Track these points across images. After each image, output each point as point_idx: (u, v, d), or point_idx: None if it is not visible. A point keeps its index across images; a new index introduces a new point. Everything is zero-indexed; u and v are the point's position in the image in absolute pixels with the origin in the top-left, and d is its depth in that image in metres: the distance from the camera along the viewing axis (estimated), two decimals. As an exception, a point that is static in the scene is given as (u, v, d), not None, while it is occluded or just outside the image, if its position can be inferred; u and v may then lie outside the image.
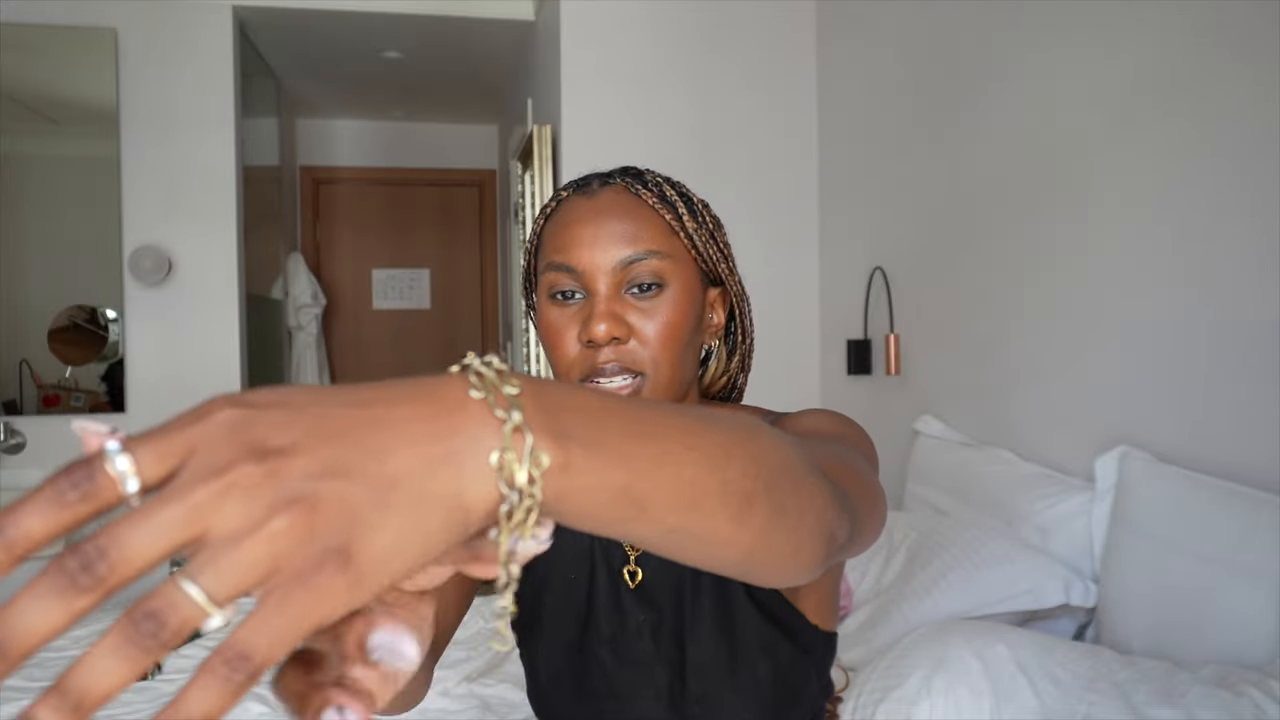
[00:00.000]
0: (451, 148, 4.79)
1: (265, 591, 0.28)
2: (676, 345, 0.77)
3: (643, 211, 0.78)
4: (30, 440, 2.86)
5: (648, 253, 0.76)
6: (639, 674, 0.84)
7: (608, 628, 0.85)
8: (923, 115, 2.31)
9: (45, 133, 2.99)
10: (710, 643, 0.82)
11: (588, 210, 0.78)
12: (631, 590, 0.85)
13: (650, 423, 0.38)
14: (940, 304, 2.24)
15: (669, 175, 0.85)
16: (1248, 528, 1.29)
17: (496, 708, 1.56)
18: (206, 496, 0.27)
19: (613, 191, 0.79)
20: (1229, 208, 1.43)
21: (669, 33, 2.80)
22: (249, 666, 0.28)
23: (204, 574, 0.27)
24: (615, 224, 0.77)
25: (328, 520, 0.28)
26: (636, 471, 0.35)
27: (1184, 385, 1.52)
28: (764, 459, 0.42)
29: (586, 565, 0.87)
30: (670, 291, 0.77)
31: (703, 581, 0.83)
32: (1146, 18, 1.59)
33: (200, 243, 3.03)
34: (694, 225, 0.80)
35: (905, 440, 2.32)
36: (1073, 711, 1.17)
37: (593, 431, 0.34)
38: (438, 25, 3.27)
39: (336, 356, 4.66)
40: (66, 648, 1.85)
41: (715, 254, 0.81)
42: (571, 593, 0.87)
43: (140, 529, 0.27)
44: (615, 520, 0.36)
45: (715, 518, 0.39)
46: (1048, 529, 1.67)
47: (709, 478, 0.38)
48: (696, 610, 0.83)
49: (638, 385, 0.76)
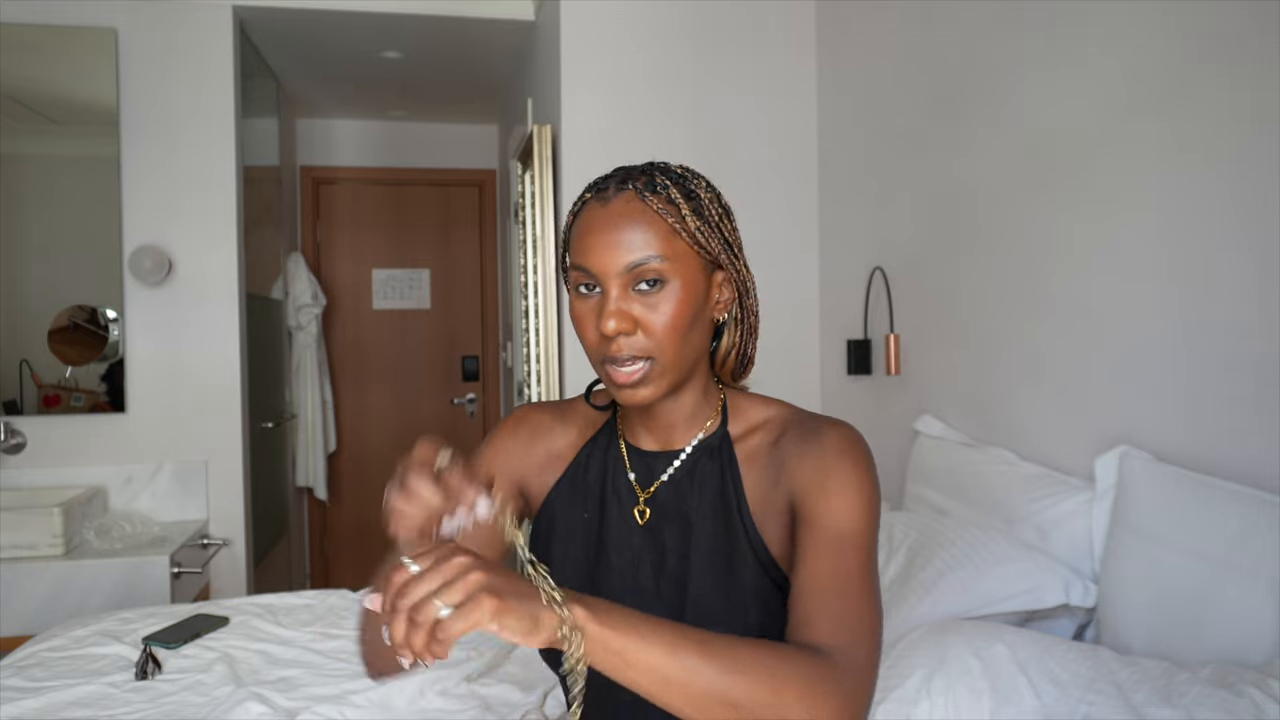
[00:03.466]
0: (451, 148, 4.79)
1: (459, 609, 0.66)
2: (679, 332, 0.89)
3: (647, 217, 0.89)
4: (30, 440, 2.87)
5: (649, 256, 0.88)
6: (643, 608, 0.88)
7: (617, 560, 0.96)
8: (923, 115, 2.31)
9: (45, 133, 2.99)
10: (708, 584, 0.91)
11: (601, 218, 0.90)
12: (640, 527, 0.97)
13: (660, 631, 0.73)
14: (940, 304, 2.24)
15: (686, 166, 0.95)
16: (1247, 528, 1.29)
17: (496, 708, 1.56)
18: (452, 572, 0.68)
19: (623, 199, 0.90)
20: (1229, 208, 1.43)
21: (669, 33, 2.80)
22: (446, 636, 0.67)
23: (443, 596, 0.67)
24: (621, 232, 0.89)
25: (491, 590, 0.67)
26: (627, 645, 0.70)
27: (1184, 385, 1.52)
28: (744, 701, 0.72)
29: (598, 503, 1.00)
30: (671, 286, 0.89)
31: (707, 527, 0.94)
32: (1146, 18, 1.59)
33: (200, 243, 3.03)
34: (696, 223, 0.90)
35: (905, 440, 2.32)
36: (1073, 711, 1.17)
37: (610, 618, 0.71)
38: (438, 25, 3.27)
39: (336, 356, 4.66)
40: (66, 647, 1.85)
41: (717, 245, 0.92)
42: (585, 529, 0.99)
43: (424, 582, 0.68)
44: (612, 670, 0.71)
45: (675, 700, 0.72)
46: (1047, 529, 1.67)
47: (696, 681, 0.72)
48: (698, 552, 0.93)
49: (646, 368, 0.89)
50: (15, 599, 2.46)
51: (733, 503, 0.94)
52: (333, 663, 1.78)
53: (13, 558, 2.51)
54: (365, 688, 1.62)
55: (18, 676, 1.71)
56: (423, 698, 1.61)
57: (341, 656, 1.80)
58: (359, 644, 0.98)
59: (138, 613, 2.07)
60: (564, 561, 0.99)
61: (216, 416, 3.06)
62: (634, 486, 0.99)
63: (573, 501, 1.02)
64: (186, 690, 1.65)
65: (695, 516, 0.95)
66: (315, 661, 1.79)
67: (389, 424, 4.74)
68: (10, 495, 2.79)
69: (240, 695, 1.60)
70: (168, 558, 2.58)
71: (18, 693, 1.63)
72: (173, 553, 2.61)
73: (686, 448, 0.98)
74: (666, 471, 0.98)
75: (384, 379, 4.74)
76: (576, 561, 0.99)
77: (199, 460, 3.04)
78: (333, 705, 1.56)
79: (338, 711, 1.54)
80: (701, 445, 0.98)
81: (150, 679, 1.70)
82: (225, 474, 3.08)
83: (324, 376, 4.45)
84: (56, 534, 2.55)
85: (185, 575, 2.69)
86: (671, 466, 0.98)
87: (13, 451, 2.85)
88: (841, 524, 0.86)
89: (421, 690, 1.62)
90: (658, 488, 0.98)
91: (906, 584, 1.66)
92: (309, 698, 1.60)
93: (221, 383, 3.07)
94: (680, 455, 0.98)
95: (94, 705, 1.59)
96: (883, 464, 2.52)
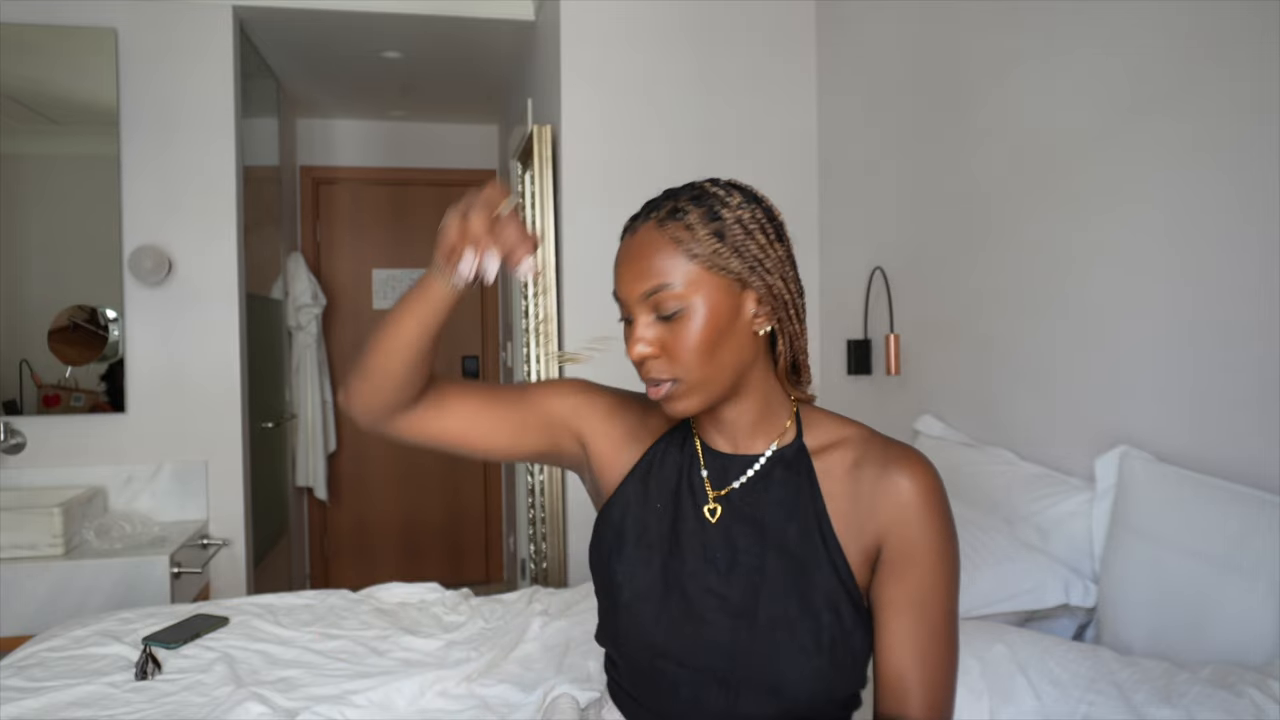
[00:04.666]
0: (451, 148, 4.79)
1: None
2: (702, 354, 0.93)
3: (660, 245, 0.93)
4: (30, 440, 2.87)
5: (663, 284, 0.92)
6: (714, 603, 0.95)
7: (690, 554, 0.99)
8: (923, 115, 2.31)
9: (45, 133, 2.99)
10: (782, 587, 0.94)
11: (626, 249, 0.97)
12: (712, 525, 1.00)
13: None
14: (940, 304, 2.24)
15: (733, 181, 0.98)
16: (1247, 528, 1.29)
17: (496, 708, 1.56)
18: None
19: (646, 229, 0.95)
20: (1229, 207, 1.43)
21: (669, 33, 2.80)
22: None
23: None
24: (638, 263, 0.94)
25: None
26: None
27: (1184, 385, 1.52)
28: None
29: (673, 500, 1.03)
30: (691, 311, 0.92)
31: (783, 531, 0.97)
32: (1146, 17, 1.59)
33: (200, 243, 3.03)
34: (714, 245, 0.92)
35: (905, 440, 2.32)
36: (1072, 711, 1.17)
37: None
38: (438, 25, 3.27)
39: (336, 356, 4.66)
40: (66, 647, 1.85)
41: (739, 265, 0.93)
42: (659, 522, 1.03)
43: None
44: None
45: None
46: (1047, 529, 1.67)
47: None
48: (773, 554, 0.96)
49: (672, 388, 0.95)
50: (15, 599, 2.46)
51: (811, 511, 0.97)
52: (333, 663, 1.78)
53: (13, 558, 2.51)
54: (365, 688, 1.62)
55: (18, 676, 1.71)
56: (423, 698, 1.60)
57: (342, 656, 1.80)
58: (364, 377, 1.02)
59: (138, 613, 2.07)
60: (636, 547, 1.02)
61: (216, 416, 3.06)
62: (706, 484, 1.02)
63: (648, 490, 1.05)
64: (186, 690, 1.65)
65: (770, 520, 0.98)
66: (315, 661, 1.78)
67: (389, 424, 4.73)
68: (10, 495, 2.79)
69: (240, 695, 1.60)
70: (168, 558, 2.58)
71: (18, 693, 1.63)
72: (173, 553, 2.61)
73: (764, 455, 1.01)
74: (743, 475, 1.01)
75: (384, 379, 4.73)
76: (652, 549, 1.02)
77: (199, 460, 3.04)
78: (333, 705, 1.56)
79: (338, 711, 1.54)
80: (777, 454, 1.01)
81: (150, 679, 1.70)
82: (225, 474, 3.08)
83: (324, 376, 4.45)
84: (56, 534, 2.55)
85: (185, 575, 2.69)
86: (749, 471, 1.01)
87: (13, 451, 2.85)
88: (926, 584, 0.93)
89: (421, 690, 1.62)
90: (730, 490, 1.01)
91: (906, 584, 1.66)
92: (309, 698, 1.60)
93: (221, 383, 3.07)
94: (758, 461, 1.01)
95: (94, 705, 1.59)
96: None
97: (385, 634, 1.91)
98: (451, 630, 1.95)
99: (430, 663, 1.77)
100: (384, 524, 4.73)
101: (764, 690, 0.92)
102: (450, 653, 1.83)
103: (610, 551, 1.04)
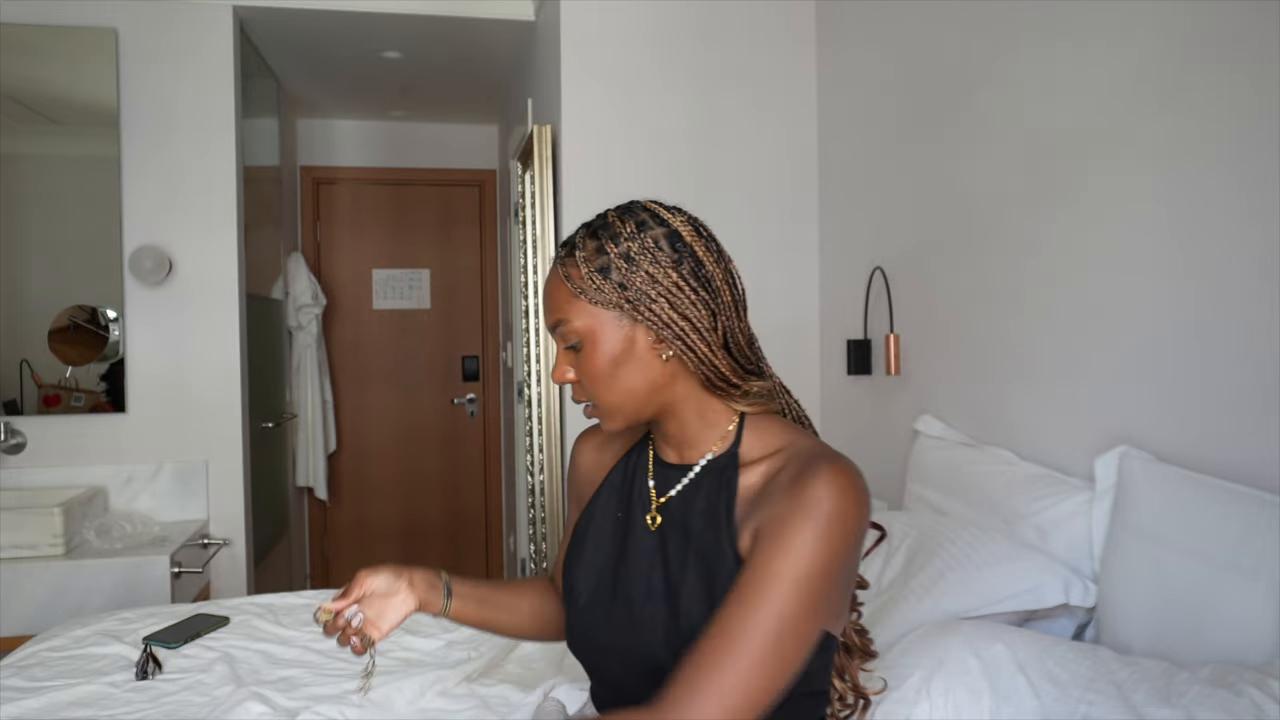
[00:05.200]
0: (451, 148, 4.79)
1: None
2: (604, 381, 0.99)
3: (554, 283, 1.01)
4: (30, 440, 2.87)
5: (558, 321, 1.00)
6: (654, 608, 1.00)
7: (634, 560, 1.04)
8: (922, 115, 2.31)
9: (45, 133, 2.99)
10: (699, 592, 0.97)
11: (544, 284, 1.04)
12: (652, 532, 1.05)
13: None
14: (940, 304, 2.25)
15: (651, 206, 1.01)
16: (1248, 528, 1.29)
17: (496, 708, 1.56)
18: None
19: (554, 265, 1.02)
20: (1229, 207, 1.43)
21: (669, 33, 2.80)
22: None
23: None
24: (546, 297, 1.03)
25: None
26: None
27: (1184, 385, 1.52)
28: None
29: (627, 504, 1.09)
30: (587, 343, 0.99)
31: (702, 538, 1.00)
32: (1146, 16, 1.59)
33: (200, 243, 3.03)
34: (596, 281, 0.97)
35: (905, 440, 2.32)
36: (1072, 711, 1.17)
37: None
38: (438, 25, 3.27)
39: (336, 356, 4.66)
40: (67, 647, 1.85)
41: (617, 298, 0.97)
42: (616, 529, 1.09)
43: None
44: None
45: None
46: (1047, 529, 1.67)
47: None
48: (693, 561, 0.99)
49: (593, 409, 1.03)
50: (15, 599, 2.46)
51: (723, 516, 0.99)
52: (333, 663, 1.78)
53: (13, 558, 2.51)
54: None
55: (18, 676, 1.71)
56: (423, 698, 1.61)
57: (342, 656, 1.80)
58: None
59: (138, 613, 2.07)
60: (595, 556, 1.09)
61: (216, 416, 3.06)
62: (651, 493, 1.08)
63: (610, 501, 1.12)
64: (187, 690, 1.65)
65: (694, 527, 1.01)
66: (316, 661, 1.79)
67: (389, 424, 4.74)
68: (10, 495, 2.79)
69: (241, 695, 1.60)
70: (168, 558, 2.58)
71: (18, 693, 1.63)
72: (173, 553, 2.61)
73: (699, 464, 1.05)
74: (679, 484, 1.05)
75: (384, 379, 4.74)
76: (605, 557, 1.08)
77: (199, 460, 3.04)
78: (333, 705, 1.56)
79: (338, 711, 1.54)
80: (711, 463, 1.04)
81: (150, 679, 1.70)
82: (225, 474, 3.08)
83: (324, 376, 4.45)
84: (57, 534, 2.55)
85: (185, 575, 2.70)
86: (684, 479, 1.05)
87: (13, 451, 2.85)
88: (763, 577, 0.89)
89: (421, 690, 1.62)
90: (668, 498, 1.05)
91: (906, 584, 1.66)
92: (309, 697, 1.60)
93: (221, 383, 3.07)
94: (692, 470, 1.05)
95: (94, 705, 1.59)
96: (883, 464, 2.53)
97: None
98: (451, 630, 1.96)
99: (430, 663, 1.78)
100: (384, 524, 4.73)
101: None
102: (450, 653, 1.84)
103: (572, 558, 1.11)
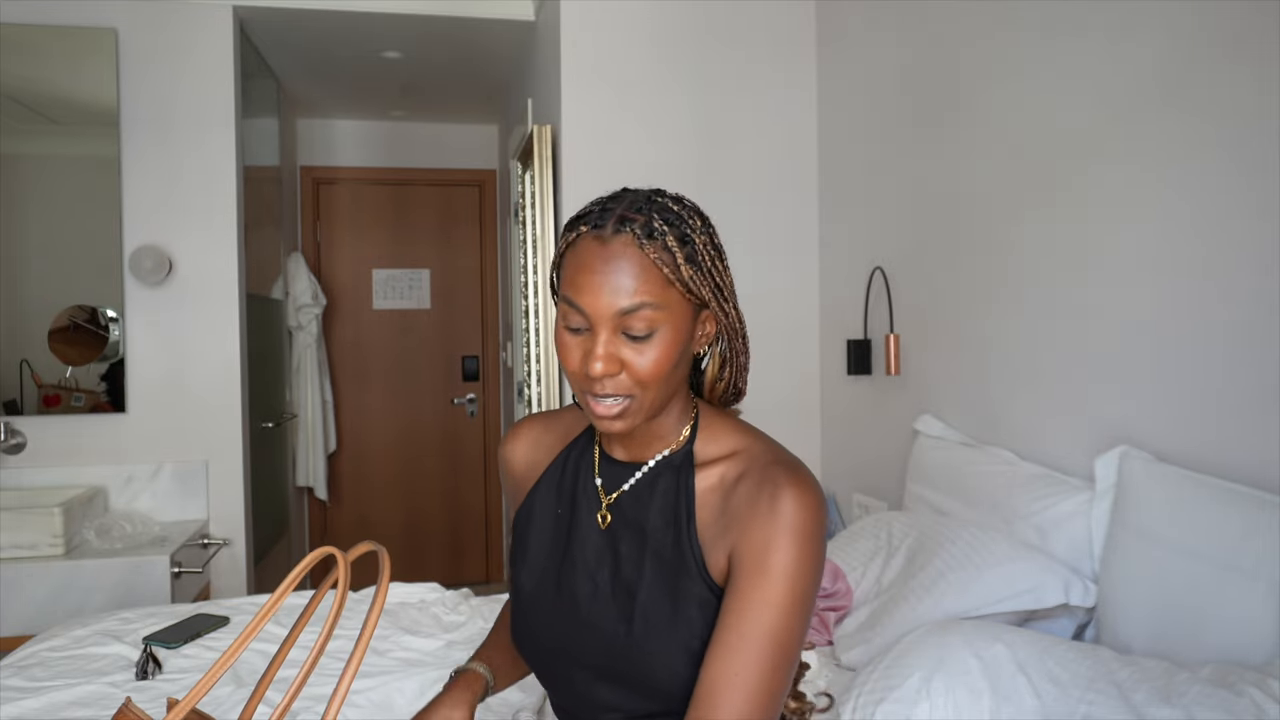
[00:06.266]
0: (451, 148, 4.79)
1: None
2: (661, 375, 0.92)
3: (643, 265, 0.90)
4: (30, 440, 2.87)
5: (642, 304, 0.90)
6: (602, 607, 0.98)
7: (580, 560, 1.02)
8: (922, 115, 2.31)
9: (45, 133, 2.99)
10: (657, 591, 0.96)
11: (598, 257, 0.91)
12: (601, 531, 1.02)
13: None
14: (940, 304, 2.25)
15: (683, 200, 0.96)
16: (1248, 528, 1.29)
17: (496, 708, 1.56)
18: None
19: (621, 242, 0.91)
20: (1229, 207, 1.43)
21: (669, 33, 2.80)
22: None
23: None
24: (617, 277, 0.90)
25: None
26: None
27: (1184, 385, 1.52)
28: None
29: (570, 502, 1.05)
30: (661, 333, 0.92)
31: (659, 537, 0.98)
32: (1147, 17, 1.59)
33: (200, 243, 3.03)
34: (690, 271, 0.92)
35: (905, 440, 2.32)
36: (1072, 711, 1.18)
37: None
38: (438, 25, 3.27)
39: (336, 356, 4.66)
40: (67, 647, 1.85)
41: (708, 291, 0.94)
42: (557, 525, 1.06)
43: None
44: None
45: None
46: (1047, 529, 1.67)
47: None
48: (650, 560, 0.97)
49: (625, 405, 0.93)
50: (15, 599, 2.46)
51: (683, 518, 0.97)
52: (333, 663, 1.78)
53: (13, 558, 2.51)
54: (366, 688, 1.62)
55: (18, 676, 1.71)
56: (422, 697, 1.61)
57: (342, 656, 1.80)
58: None
59: (138, 612, 2.07)
60: (538, 554, 1.06)
61: (216, 416, 3.06)
62: (599, 491, 1.04)
63: (549, 497, 1.08)
64: (187, 690, 1.65)
65: (650, 526, 0.99)
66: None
67: (389, 424, 4.74)
68: (10, 495, 2.79)
69: (241, 695, 1.60)
70: (168, 558, 2.58)
71: (18, 693, 1.63)
72: (173, 552, 2.61)
73: (650, 461, 1.02)
74: (629, 481, 1.02)
75: (384, 379, 4.74)
76: (548, 554, 1.05)
77: (199, 460, 3.04)
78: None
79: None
80: (665, 460, 1.01)
81: (151, 679, 1.70)
82: (225, 474, 3.08)
83: (324, 376, 4.45)
84: (57, 534, 2.55)
85: (185, 575, 2.70)
86: (634, 477, 1.02)
87: (13, 451, 2.85)
88: (759, 600, 0.89)
89: (421, 690, 1.62)
90: (619, 496, 1.03)
91: (906, 584, 1.66)
92: (309, 697, 1.60)
93: (221, 383, 3.07)
94: (644, 467, 1.02)
95: (94, 705, 1.59)
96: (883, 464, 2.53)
97: (385, 634, 1.91)
98: (451, 630, 1.95)
99: (430, 663, 1.78)
100: (384, 524, 4.73)
101: (647, 688, 0.95)
102: (450, 653, 1.84)
103: (516, 557, 1.08)
